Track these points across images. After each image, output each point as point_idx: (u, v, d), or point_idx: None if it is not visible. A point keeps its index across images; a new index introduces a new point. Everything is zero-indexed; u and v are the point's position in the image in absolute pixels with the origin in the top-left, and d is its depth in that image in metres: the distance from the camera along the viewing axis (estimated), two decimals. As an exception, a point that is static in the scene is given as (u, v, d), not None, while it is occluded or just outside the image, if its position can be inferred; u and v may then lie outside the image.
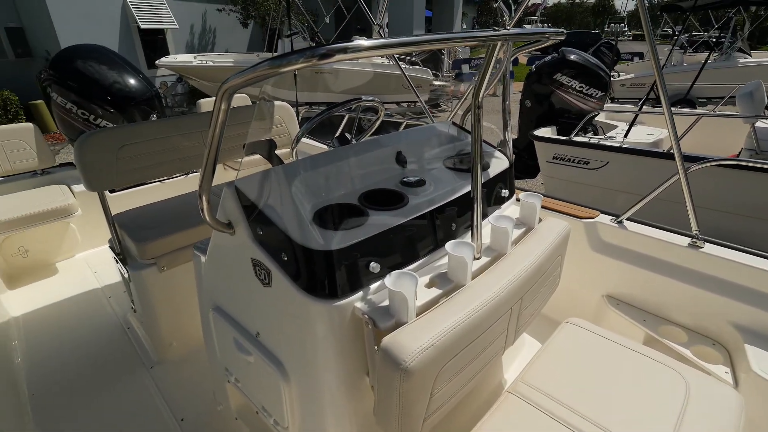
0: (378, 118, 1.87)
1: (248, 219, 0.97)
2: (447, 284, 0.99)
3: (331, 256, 0.86)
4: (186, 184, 3.18)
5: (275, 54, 9.05)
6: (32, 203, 2.59)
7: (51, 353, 2.09)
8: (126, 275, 1.93)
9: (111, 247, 1.97)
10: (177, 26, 11.52)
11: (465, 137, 1.47)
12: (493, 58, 0.96)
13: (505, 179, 1.34)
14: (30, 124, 2.85)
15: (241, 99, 3.84)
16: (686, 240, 1.69)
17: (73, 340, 2.17)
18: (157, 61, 8.98)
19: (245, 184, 0.98)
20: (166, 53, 11.07)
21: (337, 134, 3.02)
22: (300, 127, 2.56)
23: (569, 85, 4.55)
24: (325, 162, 1.14)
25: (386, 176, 1.18)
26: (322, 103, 8.50)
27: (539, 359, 1.21)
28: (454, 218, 1.13)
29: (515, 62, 13.86)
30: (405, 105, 9.63)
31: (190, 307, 2.00)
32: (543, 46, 1.14)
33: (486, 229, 1.18)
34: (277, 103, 2.45)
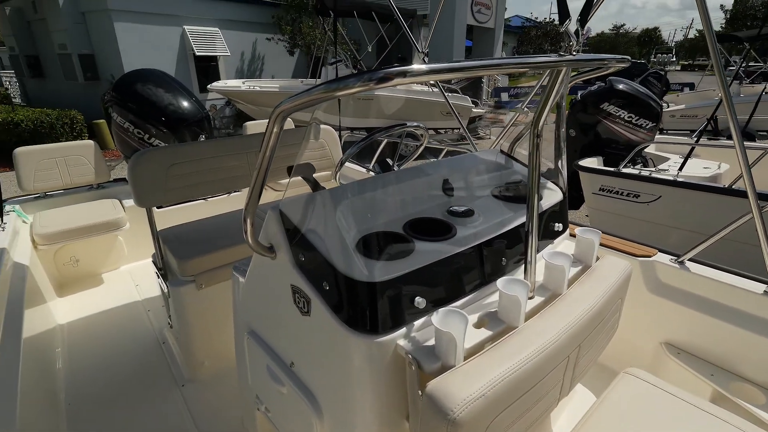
0: (421, 144, 1.84)
1: (290, 243, 0.95)
2: (498, 325, 0.91)
3: (374, 288, 0.81)
4: (228, 203, 3.26)
5: (318, 80, 9.39)
6: (87, 215, 2.73)
7: (90, 363, 2.14)
8: (165, 290, 1.96)
9: (154, 262, 2.01)
10: (229, 53, 12.25)
11: (514, 166, 1.41)
12: (557, 85, 0.91)
13: (558, 212, 1.26)
14: (91, 141, 3.04)
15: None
16: (761, 287, 1.51)
17: (111, 352, 2.22)
18: (208, 86, 9.53)
19: (289, 207, 0.96)
20: (218, 78, 11.77)
21: (375, 158, 3.03)
22: (343, 152, 2.57)
23: (617, 114, 4.38)
24: (369, 188, 1.11)
25: (432, 204, 1.13)
26: (362, 129, 8.67)
27: (595, 413, 1.09)
28: (504, 252, 1.06)
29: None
30: (443, 131, 9.66)
31: (225, 327, 1.99)
32: (604, 73, 1.08)
33: (539, 265, 1.10)
34: (323, 127, 2.50)
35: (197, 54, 11.48)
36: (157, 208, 2.95)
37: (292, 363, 1.04)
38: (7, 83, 15.05)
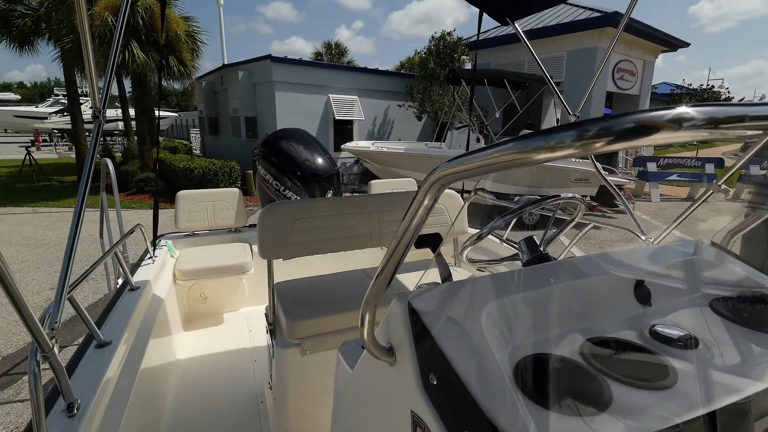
0: (573, 219, 1.49)
1: (418, 353, 0.69)
2: None
3: None
4: (344, 258, 3.21)
5: (443, 144, 9.51)
6: (220, 257, 2.91)
7: (193, 405, 2.13)
8: (271, 348, 1.86)
9: (266, 315, 1.96)
10: (363, 118, 13.46)
11: (740, 268, 0.97)
12: None
13: None
14: (236, 189, 3.34)
15: (407, 182, 3.90)
16: None
17: (213, 400, 2.18)
18: (342, 146, 10.44)
19: (422, 302, 0.71)
20: (350, 139, 12.91)
21: (510, 228, 2.68)
22: (463, 218, 2.30)
23: (836, 198, 3.31)
24: (527, 283, 0.81)
25: (622, 318, 0.78)
26: (479, 191, 8.37)
27: None
28: (752, 419, 0.64)
29: (720, 164, 11.55)
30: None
31: (324, 404, 1.79)
32: None
33: None
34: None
35: (336, 118, 12.87)
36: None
37: None
38: (193, 138, 18.96)
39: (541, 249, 1.27)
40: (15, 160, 16.10)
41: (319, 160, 3.34)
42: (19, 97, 43.92)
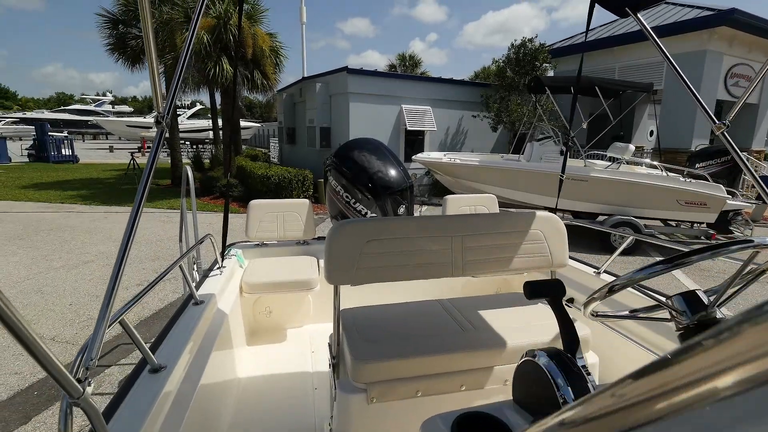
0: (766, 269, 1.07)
1: None
2: None
3: None
4: (418, 284, 2.94)
5: (522, 156, 8.88)
6: (287, 271, 2.79)
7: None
8: (333, 390, 1.64)
9: (330, 345, 1.74)
10: (435, 129, 13.18)
11: None
12: None
13: None
14: (306, 201, 3.23)
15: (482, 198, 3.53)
16: None
17: (270, 427, 2.02)
18: (413, 156, 10.23)
19: None
20: (422, 150, 12.68)
21: (612, 258, 2.21)
22: (563, 248, 1.88)
23: None
24: None
25: None
26: (568, 211, 7.63)
27: None
28: None
29: None
30: (674, 224, 7.67)
31: None
32: None
33: None
34: (539, 213, 1.88)
35: (408, 128, 12.74)
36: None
37: None
38: (271, 147, 20.10)
39: (716, 311, 0.88)
40: (124, 164, 18.20)
41: (392, 172, 3.11)
42: (132, 109, 50.38)
